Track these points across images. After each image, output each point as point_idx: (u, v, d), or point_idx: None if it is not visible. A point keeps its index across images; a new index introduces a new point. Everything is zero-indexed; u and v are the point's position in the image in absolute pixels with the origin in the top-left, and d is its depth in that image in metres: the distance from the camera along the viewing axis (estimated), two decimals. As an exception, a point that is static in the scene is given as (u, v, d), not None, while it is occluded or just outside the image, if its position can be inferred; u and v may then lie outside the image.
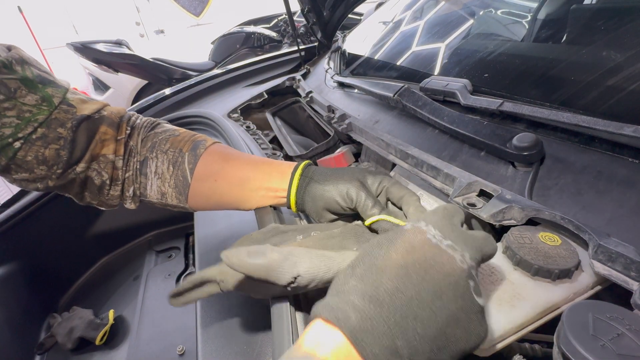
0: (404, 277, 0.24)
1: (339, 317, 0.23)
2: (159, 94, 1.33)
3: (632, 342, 0.23)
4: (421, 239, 0.26)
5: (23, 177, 0.43)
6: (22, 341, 0.90)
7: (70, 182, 0.46)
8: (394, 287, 0.24)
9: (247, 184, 0.48)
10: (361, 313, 0.23)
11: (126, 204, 0.51)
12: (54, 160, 0.43)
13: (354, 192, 0.41)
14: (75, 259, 1.14)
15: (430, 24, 0.93)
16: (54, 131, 0.43)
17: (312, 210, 0.45)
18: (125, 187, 0.50)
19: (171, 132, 0.52)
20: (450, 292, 0.24)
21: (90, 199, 0.50)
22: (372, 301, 0.23)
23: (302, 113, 1.11)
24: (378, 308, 0.23)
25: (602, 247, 0.31)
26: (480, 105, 0.54)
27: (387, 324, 0.22)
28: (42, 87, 0.43)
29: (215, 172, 0.49)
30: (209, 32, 4.89)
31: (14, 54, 0.42)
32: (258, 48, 3.98)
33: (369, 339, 0.22)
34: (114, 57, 3.48)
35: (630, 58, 0.45)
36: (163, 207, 0.52)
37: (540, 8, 0.73)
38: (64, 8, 5.31)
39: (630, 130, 0.36)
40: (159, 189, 0.50)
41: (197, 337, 0.45)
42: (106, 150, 0.47)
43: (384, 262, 0.25)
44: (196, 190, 0.49)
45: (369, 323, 0.22)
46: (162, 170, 0.49)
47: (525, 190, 0.43)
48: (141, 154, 0.50)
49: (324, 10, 1.27)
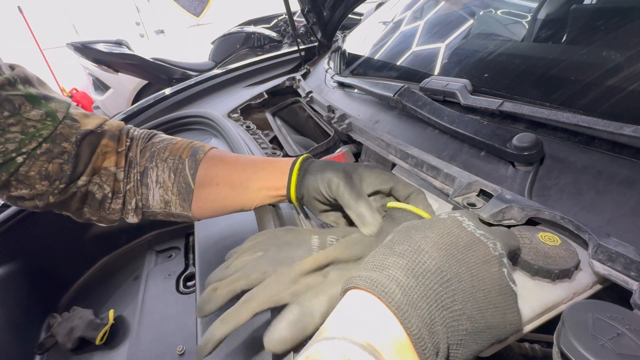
0: (445, 257, 0.25)
1: (385, 290, 0.23)
2: (159, 94, 1.33)
3: (631, 342, 0.23)
4: (458, 226, 0.28)
5: (21, 195, 0.43)
6: (22, 341, 0.90)
7: (70, 197, 0.46)
8: (436, 266, 0.24)
9: (249, 184, 0.48)
10: (404, 288, 0.23)
11: (128, 218, 0.50)
12: (56, 175, 0.43)
13: (335, 182, 0.41)
14: (75, 259, 1.14)
15: (430, 24, 0.93)
16: (58, 146, 0.43)
17: (307, 201, 0.46)
18: (127, 199, 0.49)
19: (168, 141, 0.52)
20: (487, 276, 0.25)
21: (90, 215, 0.49)
22: (415, 277, 0.24)
23: (302, 113, 1.11)
24: (420, 284, 0.24)
25: (602, 247, 0.31)
26: (480, 105, 0.54)
27: (427, 301, 0.23)
28: (46, 102, 0.43)
29: (216, 175, 0.48)
30: (209, 32, 4.89)
31: (19, 72, 0.42)
32: (258, 48, 3.99)
33: (411, 313, 0.23)
34: (114, 57, 3.48)
35: (630, 58, 0.45)
36: (166, 219, 0.52)
37: (540, 8, 0.73)
38: (64, 8, 5.31)
39: (630, 130, 0.36)
40: (162, 198, 0.49)
41: (197, 337, 0.45)
42: (107, 163, 0.47)
43: (423, 242, 0.26)
44: (199, 196, 0.49)
45: (412, 298, 0.23)
46: (164, 178, 0.49)
47: (525, 190, 0.43)
48: (140, 164, 0.49)
49: (324, 10, 1.27)
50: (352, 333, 0.22)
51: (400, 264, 0.25)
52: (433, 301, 0.23)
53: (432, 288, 0.24)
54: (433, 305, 0.23)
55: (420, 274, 0.24)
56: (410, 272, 0.24)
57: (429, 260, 0.25)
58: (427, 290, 0.24)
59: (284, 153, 0.88)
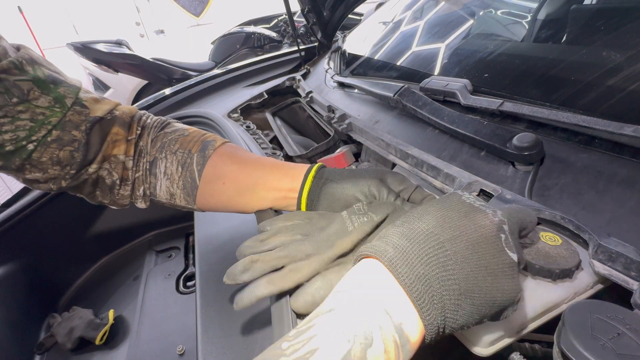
0: (439, 223, 0.27)
1: (379, 250, 0.26)
2: (159, 94, 1.33)
3: (632, 342, 0.23)
4: (456, 199, 0.29)
5: (36, 177, 0.44)
6: (22, 341, 0.90)
7: (82, 183, 0.47)
8: (428, 230, 0.26)
9: (256, 188, 0.47)
10: (396, 247, 0.26)
11: (137, 204, 0.51)
12: (67, 162, 0.44)
13: (376, 189, 0.41)
14: (75, 259, 1.14)
15: (430, 24, 0.93)
16: (68, 134, 0.43)
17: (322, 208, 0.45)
18: (135, 186, 0.50)
19: (181, 132, 0.51)
20: (482, 241, 0.26)
21: (102, 198, 0.50)
22: (408, 239, 0.26)
23: (302, 113, 1.11)
24: (412, 244, 0.26)
25: (602, 246, 0.31)
26: (481, 105, 0.54)
27: (419, 258, 0.25)
28: (54, 87, 0.43)
29: (223, 174, 0.48)
30: (209, 32, 4.89)
31: (24, 53, 0.42)
32: (258, 48, 3.98)
33: (403, 268, 0.25)
34: (114, 57, 3.48)
35: (630, 58, 0.45)
36: (172, 207, 0.52)
37: (540, 8, 0.73)
38: (64, 8, 5.31)
39: (630, 130, 0.36)
40: (168, 190, 0.50)
41: (197, 337, 0.45)
42: (117, 151, 0.48)
43: (422, 213, 0.28)
44: (204, 192, 0.49)
45: (404, 254, 0.26)
46: (171, 171, 0.49)
47: (526, 190, 0.43)
48: (151, 154, 0.50)
49: (324, 10, 1.27)
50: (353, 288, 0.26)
51: (397, 231, 0.27)
52: (426, 260, 0.25)
53: (425, 249, 0.25)
54: (427, 264, 0.25)
55: (413, 237, 0.26)
56: (404, 235, 0.27)
57: (422, 225, 0.27)
58: (420, 250, 0.26)
59: (284, 153, 0.88)
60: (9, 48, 0.41)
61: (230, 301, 0.49)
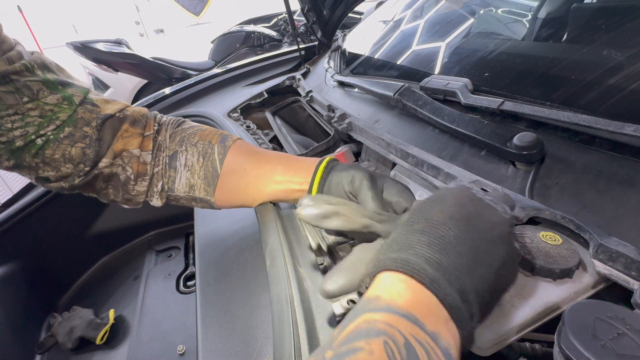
0: (462, 228, 0.27)
1: (416, 269, 0.25)
2: (159, 93, 1.33)
3: (632, 342, 0.23)
4: (468, 195, 0.29)
5: (47, 176, 0.45)
6: (23, 341, 0.90)
7: (94, 179, 0.48)
8: (456, 237, 0.26)
9: (274, 176, 0.49)
10: (434, 263, 0.25)
11: (152, 201, 0.52)
12: (80, 159, 0.45)
13: (358, 179, 0.42)
14: (75, 259, 1.14)
15: (430, 23, 0.93)
16: (80, 130, 0.45)
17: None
18: (153, 182, 0.51)
19: (198, 128, 0.53)
20: (500, 238, 0.27)
21: (114, 196, 0.51)
22: (441, 251, 0.26)
23: (302, 112, 1.11)
24: (446, 257, 0.25)
25: (603, 246, 0.31)
26: (481, 104, 0.53)
27: (456, 270, 0.25)
28: (62, 88, 0.45)
29: (243, 163, 0.50)
30: (208, 32, 4.88)
31: (36, 57, 0.44)
32: (258, 47, 3.98)
33: (444, 285, 0.24)
34: (113, 56, 3.48)
35: (631, 57, 0.45)
36: (188, 204, 0.53)
37: (540, 7, 0.73)
38: (64, 8, 5.31)
39: (631, 130, 0.36)
40: (188, 181, 0.51)
41: (197, 337, 0.45)
42: (130, 146, 0.49)
43: (440, 216, 0.28)
44: (224, 182, 0.50)
45: (442, 271, 0.25)
46: (192, 162, 0.50)
47: (526, 189, 0.43)
48: (170, 148, 0.51)
49: (324, 9, 1.27)
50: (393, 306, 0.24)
51: (423, 242, 0.26)
52: (461, 269, 0.25)
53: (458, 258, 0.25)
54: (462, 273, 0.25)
55: (445, 248, 0.26)
56: (435, 248, 0.26)
57: (449, 232, 0.26)
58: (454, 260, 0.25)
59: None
60: (24, 53, 0.43)
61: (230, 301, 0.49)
